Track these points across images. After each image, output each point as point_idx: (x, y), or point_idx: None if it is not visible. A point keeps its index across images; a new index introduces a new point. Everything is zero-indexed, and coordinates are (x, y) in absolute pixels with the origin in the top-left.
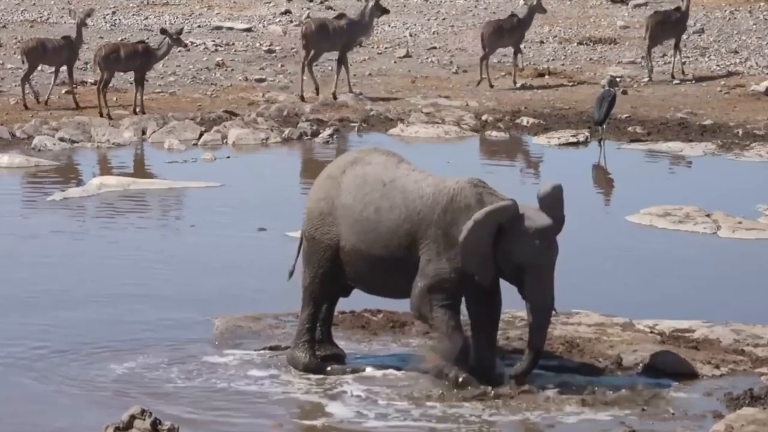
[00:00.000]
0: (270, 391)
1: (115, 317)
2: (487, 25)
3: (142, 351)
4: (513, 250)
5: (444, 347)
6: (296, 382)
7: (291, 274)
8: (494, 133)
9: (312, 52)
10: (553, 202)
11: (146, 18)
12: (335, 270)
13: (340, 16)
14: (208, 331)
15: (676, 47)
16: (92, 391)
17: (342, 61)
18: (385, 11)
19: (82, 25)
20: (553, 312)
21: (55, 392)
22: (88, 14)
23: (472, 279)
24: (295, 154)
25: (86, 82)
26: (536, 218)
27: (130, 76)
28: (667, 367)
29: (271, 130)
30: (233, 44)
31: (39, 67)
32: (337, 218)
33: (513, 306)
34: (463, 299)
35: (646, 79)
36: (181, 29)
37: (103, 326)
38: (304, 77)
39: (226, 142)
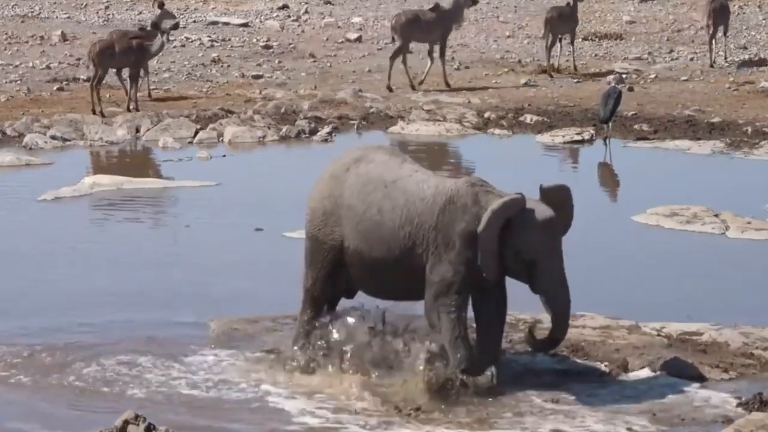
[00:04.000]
0: (265, 397)
1: (106, 319)
2: (551, 10)
3: (136, 354)
4: (522, 245)
5: (451, 356)
6: (291, 387)
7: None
8: (497, 131)
9: (401, 43)
10: (559, 203)
11: (140, 13)
12: (338, 271)
13: (435, 7)
14: (204, 334)
15: (725, 33)
16: (83, 396)
17: (442, 53)
18: (476, 0)
19: (165, 34)
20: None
21: (46, 396)
22: (174, 26)
23: (478, 278)
24: (292, 153)
25: (78, 79)
26: (541, 210)
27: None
28: (675, 371)
29: (269, 128)
30: (229, 40)
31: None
32: (341, 218)
33: (516, 308)
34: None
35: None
36: (177, 23)
37: (94, 328)
38: (407, 67)
39: (222, 140)
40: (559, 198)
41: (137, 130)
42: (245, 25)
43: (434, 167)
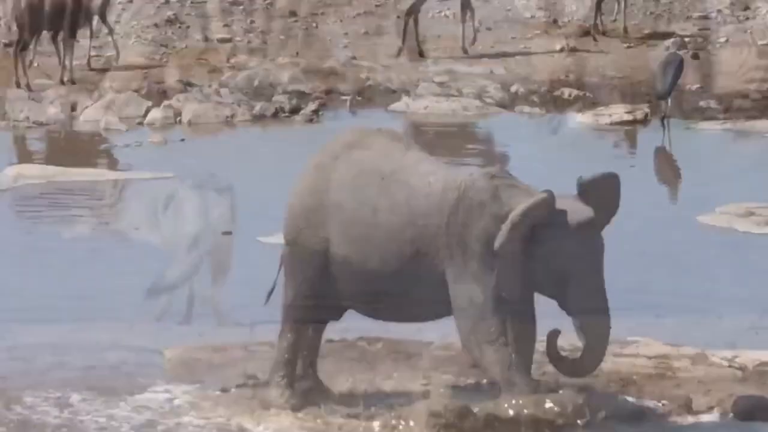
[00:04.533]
0: None
1: (32, 342)
2: None
3: (69, 389)
4: (553, 254)
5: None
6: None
7: (270, 295)
8: (527, 109)
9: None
10: (602, 195)
11: None
12: (323, 285)
13: None
14: (157, 364)
15: None
16: None
17: (463, 8)
18: None
19: None
20: None
21: None
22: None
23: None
24: (269, 136)
25: None
26: (577, 211)
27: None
28: (751, 413)
29: (238, 105)
30: None
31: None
32: (326, 218)
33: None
34: None
35: None
36: None
37: (16, 354)
38: (417, 27)
39: (180, 120)
40: (602, 188)
41: (73, 108)
42: None
43: (447, 155)
